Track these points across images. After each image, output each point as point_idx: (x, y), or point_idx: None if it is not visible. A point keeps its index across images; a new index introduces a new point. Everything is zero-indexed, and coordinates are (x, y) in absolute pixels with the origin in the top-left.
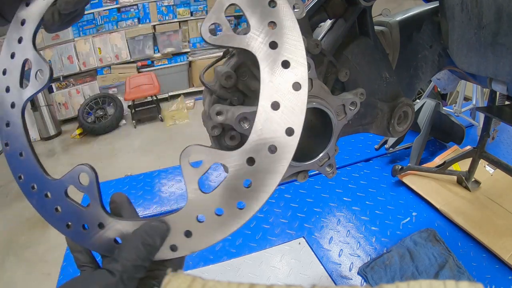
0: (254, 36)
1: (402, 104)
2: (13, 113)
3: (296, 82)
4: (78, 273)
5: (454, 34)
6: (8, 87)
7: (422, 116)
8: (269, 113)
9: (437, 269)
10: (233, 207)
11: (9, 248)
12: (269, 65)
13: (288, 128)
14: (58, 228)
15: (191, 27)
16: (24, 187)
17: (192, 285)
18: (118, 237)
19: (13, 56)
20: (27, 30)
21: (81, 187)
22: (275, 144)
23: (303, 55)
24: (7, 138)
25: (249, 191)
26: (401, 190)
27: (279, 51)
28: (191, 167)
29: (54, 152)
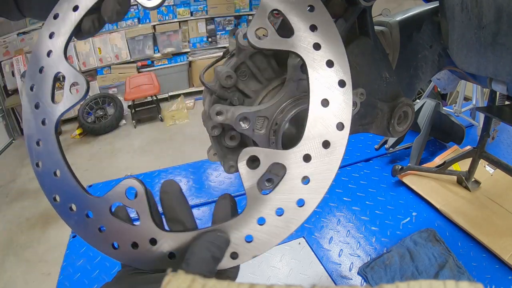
0: (298, 39)
1: (402, 104)
2: (44, 130)
3: (341, 80)
4: (78, 273)
5: (454, 34)
6: (38, 104)
7: (422, 116)
8: (319, 110)
9: (437, 269)
10: (293, 206)
11: (9, 248)
12: (314, 65)
13: (339, 123)
14: (103, 249)
15: (191, 27)
16: (61, 209)
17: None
18: (174, 251)
19: (42, 70)
20: (57, 42)
21: (129, 202)
22: (328, 139)
23: (344, 54)
24: (39, 157)
25: (307, 187)
26: (401, 190)
27: (323, 52)
28: (249, 169)
29: None
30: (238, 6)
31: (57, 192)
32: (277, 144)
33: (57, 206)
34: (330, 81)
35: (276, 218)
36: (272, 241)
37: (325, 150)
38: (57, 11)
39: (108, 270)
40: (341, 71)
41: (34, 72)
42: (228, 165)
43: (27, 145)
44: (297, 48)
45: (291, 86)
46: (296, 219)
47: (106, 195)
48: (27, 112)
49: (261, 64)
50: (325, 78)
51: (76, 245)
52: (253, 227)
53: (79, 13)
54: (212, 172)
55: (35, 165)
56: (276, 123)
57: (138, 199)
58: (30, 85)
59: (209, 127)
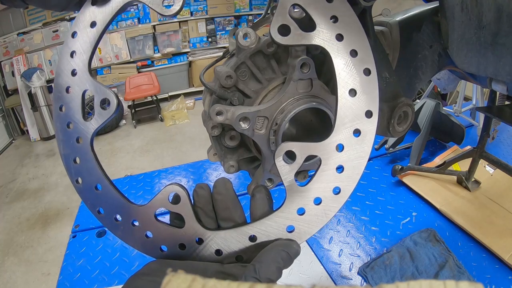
0: (320, 32)
1: (402, 104)
2: (80, 148)
3: (366, 68)
4: (78, 273)
5: (454, 34)
6: (69, 123)
7: (422, 116)
8: (348, 99)
9: (437, 269)
10: (330, 194)
11: (9, 248)
12: (339, 56)
13: (368, 111)
14: (152, 254)
15: (191, 27)
16: (106, 221)
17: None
18: (220, 249)
19: (69, 90)
20: (80, 61)
21: (172, 207)
22: (358, 127)
23: (367, 42)
24: (78, 174)
25: (341, 175)
26: (401, 190)
27: (346, 42)
28: (286, 164)
29: (54, 152)
30: (238, 6)
31: (100, 205)
32: (277, 144)
33: (102, 218)
34: (356, 70)
35: (314, 207)
36: (312, 229)
37: (356, 138)
38: (75, 29)
39: (108, 270)
40: (366, 60)
41: (61, 93)
42: (228, 165)
43: (64, 164)
44: (320, 41)
45: (291, 86)
46: (333, 206)
47: (150, 202)
48: (61, 133)
49: (261, 64)
50: (350, 68)
51: (76, 245)
52: (293, 218)
53: (97, 29)
54: (212, 172)
55: (75, 182)
56: (276, 123)
57: (182, 203)
58: (59, 106)
59: (209, 127)
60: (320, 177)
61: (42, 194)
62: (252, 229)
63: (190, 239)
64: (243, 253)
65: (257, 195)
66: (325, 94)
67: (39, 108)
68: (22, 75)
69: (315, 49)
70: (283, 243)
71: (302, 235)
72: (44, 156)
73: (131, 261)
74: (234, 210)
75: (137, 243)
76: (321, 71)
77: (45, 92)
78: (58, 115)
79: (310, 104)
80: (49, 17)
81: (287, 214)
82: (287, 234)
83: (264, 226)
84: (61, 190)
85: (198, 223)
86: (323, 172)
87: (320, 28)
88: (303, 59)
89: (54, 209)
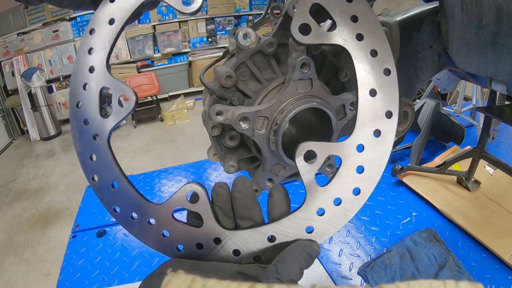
0: (341, 31)
1: (402, 104)
2: (97, 145)
3: (386, 68)
4: (78, 273)
5: (454, 34)
6: (86, 119)
7: (422, 116)
8: (369, 100)
9: (437, 269)
10: (350, 195)
11: (9, 248)
12: (359, 56)
13: (388, 111)
14: (168, 253)
15: (191, 27)
16: (121, 219)
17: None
18: (239, 248)
19: (86, 87)
20: (97, 58)
21: (191, 206)
22: (379, 127)
23: (386, 42)
24: (94, 172)
25: (361, 176)
26: (401, 190)
27: (366, 42)
28: (306, 163)
29: (54, 152)
30: (238, 6)
31: (116, 203)
32: (277, 144)
33: (117, 216)
34: (376, 70)
35: (334, 208)
36: (331, 230)
37: (376, 138)
38: (92, 26)
39: (108, 270)
40: (385, 59)
41: (78, 90)
42: (228, 165)
43: (80, 161)
44: (341, 40)
45: (291, 86)
46: (353, 207)
47: (168, 201)
48: (77, 130)
49: (261, 64)
50: (371, 68)
51: (76, 245)
52: (313, 218)
53: (115, 26)
54: (212, 172)
55: (91, 179)
56: (276, 123)
57: (200, 202)
58: (75, 103)
59: (209, 127)
60: (340, 178)
61: (42, 194)
62: (271, 229)
63: (208, 238)
64: (262, 253)
65: (275, 194)
66: (325, 94)
67: (39, 108)
68: (22, 75)
69: (315, 49)
70: (304, 243)
71: (321, 236)
72: (44, 156)
73: (131, 261)
74: (253, 209)
75: (153, 242)
76: (321, 71)
77: (45, 92)
78: (75, 112)
79: (310, 104)
80: (49, 17)
81: (307, 214)
82: (306, 234)
83: (283, 226)
84: (61, 190)
85: (216, 223)
86: (343, 173)
87: (340, 28)
88: (303, 59)
89: (54, 209)
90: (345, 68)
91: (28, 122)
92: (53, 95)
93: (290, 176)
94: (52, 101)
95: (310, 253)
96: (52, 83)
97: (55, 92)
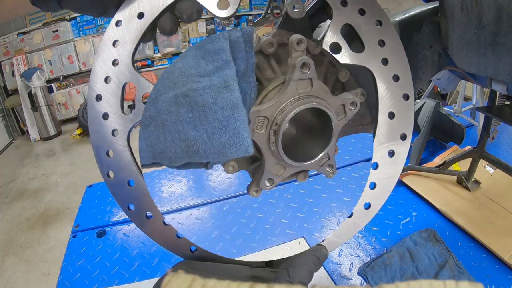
0: (368, 54)
1: None
2: (114, 141)
3: (405, 93)
4: (78, 273)
5: (454, 34)
6: (106, 114)
7: (422, 116)
8: (387, 121)
9: (437, 269)
10: (361, 208)
11: (9, 248)
12: (383, 79)
13: (402, 134)
14: (181, 254)
15: (191, 27)
16: (135, 217)
17: (192, 285)
18: None
19: (108, 79)
20: (123, 51)
21: None
22: (393, 148)
23: (408, 68)
24: (109, 168)
25: (373, 192)
26: (401, 190)
27: (390, 67)
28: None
29: (54, 152)
30: None
31: (131, 201)
32: (277, 144)
33: (131, 214)
34: (396, 94)
35: (347, 220)
36: (342, 240)
37: (390, 158)
38: (119, 18)
39: (108, 270)
40: (406, 85)
41: (99, 81)
42: (228, 165)
43: (96, 155)
44: (367, 63)
45: (291, 86)
46: (363, 220)
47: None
48: (95, 123)
49: (261, 64)
50: (391, 92)
51: (76, 245)
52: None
53: (145, 21)
54: (212, 172)
55: (106, 175)
56: (276, 123)
57: None
58: (95, 95)
59: None
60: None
61: (42, 194)
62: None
63: None
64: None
65: (314, 267)
66: (325, 94)
67: (39, 108)
68: (22, 75)
69: (315, 49)
70: (313, 247)
71: (331, 245)
72: (44, 156)
73: (131, 261)
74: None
75: (166, 242)
76: (321, 71)
77: (45, 92)
78: (93, 104)
79: (310, 104)
80: (49, 17)
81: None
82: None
83: None
84: (61, 190)
85: None
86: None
87: (368, 51)
88: (303, 59)
89: (54, 209)
90: (345, 68)
91: (28, 122)
92: (53, 95)
93: (290, 176)
94: (52, 101)
95: (319, 257)
96: (52, 83)
97: (55, 92)
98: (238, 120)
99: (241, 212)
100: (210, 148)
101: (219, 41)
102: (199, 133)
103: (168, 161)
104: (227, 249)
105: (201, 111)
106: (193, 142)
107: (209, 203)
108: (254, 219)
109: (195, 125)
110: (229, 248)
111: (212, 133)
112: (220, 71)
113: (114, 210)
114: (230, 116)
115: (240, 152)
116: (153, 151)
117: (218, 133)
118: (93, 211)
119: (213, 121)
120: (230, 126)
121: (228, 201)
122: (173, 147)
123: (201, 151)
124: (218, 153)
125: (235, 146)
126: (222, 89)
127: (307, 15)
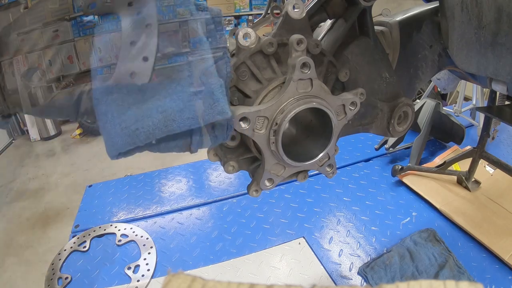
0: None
1: (402, 104)
2: None
3: None
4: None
5: (454, 34)
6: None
7: (422, 116)
8: None
9: (437, 269)
10: None
11: (9, 248)
12: None
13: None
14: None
15: None
16: None
17: (192, 285)
18: None
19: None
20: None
21: None
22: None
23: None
24: None
25: None
26: (401, 190)
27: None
28: None
29: (54, 152)
30: (238, 6)
31: None
32: (277, 144)
33: None
34: None
35: None
36: None
37: None
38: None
39: (109, 270)
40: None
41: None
42: (228, 165)
43: None
44: None
45: (291, 86)
46: None
47: None
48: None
49: (261, 64)
50: None
51: None
52: None
53: None
54: (212, 172)
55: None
56: (276, 123)
57: None
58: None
59: None
60: None
61: (42, 194)
62: None
63: None
64: None
65: None
66: (325, 94)
67: None
68: (22, 75)
69: (315, 49)
70: None
71: None
72: (44, 156)
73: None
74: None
75: None
76: (321, 71)
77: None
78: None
79: (310, 104)
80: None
81: None
82: None
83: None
84: (61, 190)
85: None
86: None
87: None
88: (303, 59)
89: (54, 209)
90: (345, 68)
91: (28, 122)
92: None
93: (290, 176)
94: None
95: None
96: (52, 83)
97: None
98: (212, 84)
99: (241, 212)
100: (186, 113)
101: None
102: (175, 103)
103: (145, 135)
104: (227, 249)
105: (178, 85)
106: (170, 111)
107: (209, 203)
108: (254, 219)
109: (172, 97)
110: (229, 248)
111: (188, 100)
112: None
113: (114, 210)
114: (205, 82)
115: (215, 112)
116: (129, 132)
117: (193, 99)
118: (93, 211)
119: (189, 88)
120: (205, 90)
121: (228, 201)
122: (150, 120)
123: (178, 117)
124: (194, 117)
125: (211, 107)
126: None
127: (307, 15)
